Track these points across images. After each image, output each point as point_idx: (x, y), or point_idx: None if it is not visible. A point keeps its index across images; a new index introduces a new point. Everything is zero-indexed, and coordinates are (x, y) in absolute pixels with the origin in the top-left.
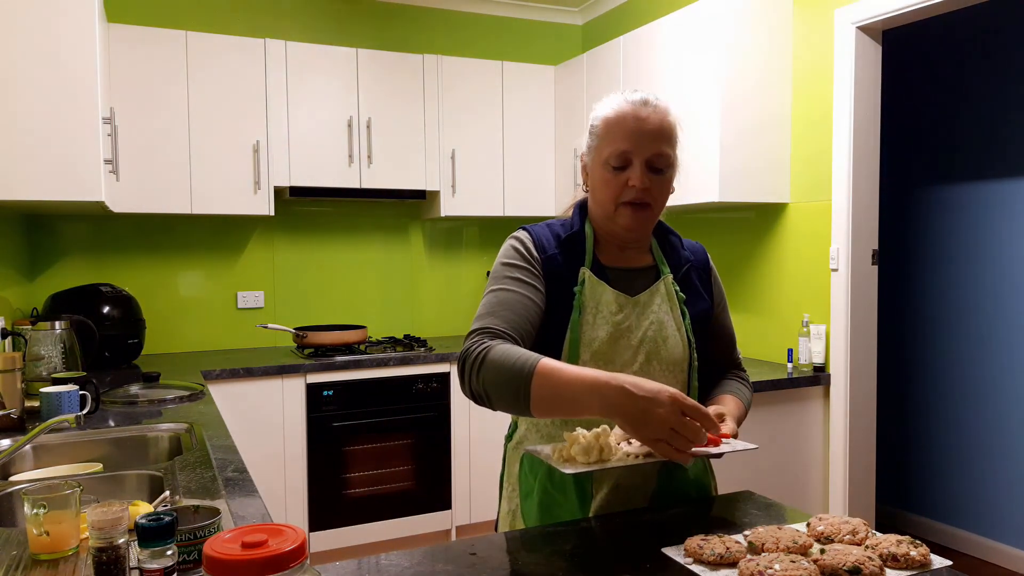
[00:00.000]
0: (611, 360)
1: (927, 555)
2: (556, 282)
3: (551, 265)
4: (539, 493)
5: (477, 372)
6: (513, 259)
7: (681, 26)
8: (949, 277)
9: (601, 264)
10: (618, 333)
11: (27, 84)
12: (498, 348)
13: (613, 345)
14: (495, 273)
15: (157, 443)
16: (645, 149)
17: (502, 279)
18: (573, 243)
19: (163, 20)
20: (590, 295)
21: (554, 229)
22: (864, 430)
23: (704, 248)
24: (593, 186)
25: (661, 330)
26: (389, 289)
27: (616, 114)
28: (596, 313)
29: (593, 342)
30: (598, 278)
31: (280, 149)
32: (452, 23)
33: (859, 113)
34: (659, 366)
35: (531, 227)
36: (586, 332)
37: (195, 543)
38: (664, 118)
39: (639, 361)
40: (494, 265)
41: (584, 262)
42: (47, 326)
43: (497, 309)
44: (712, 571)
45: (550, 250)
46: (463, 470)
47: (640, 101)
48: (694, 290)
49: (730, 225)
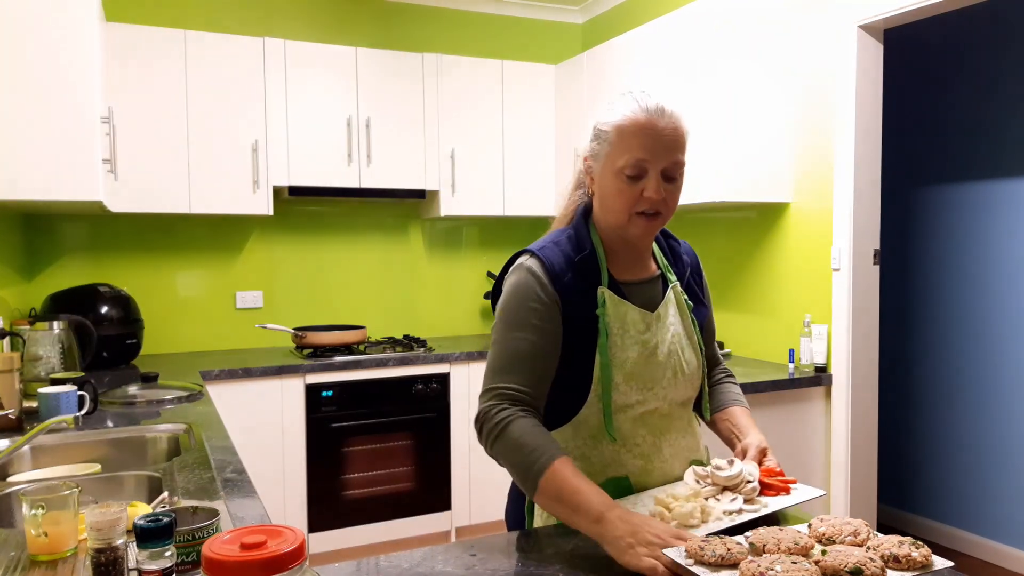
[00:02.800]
0: (645, 380)
1: (929, 556)
2: (574, 307)
3: (567, 293)
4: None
5: (493, 442)
6: (528, 299)
7: (682, 25)
8: (951, 277)
9: (616, 280)
10: (647, 351)
11: (25, 83)
12: (516, 427)
13: (645, 365)
14: (509, 313)
15: (155, 444)
16: (662, 159)
17: (516, 325)
18: (586, 262)
19: (162, 19)
20: (614, 315)
21: (563, 248)
22: (866, 431)
23: (692, 247)
24: (603, 194)
25: (680, 342)
26: (388, 289)
27: (632, 123)
28: (623, 333)
29: (625, 364)
30: (617, 296)
31: (279, 148)
32: (452, 22)
33: (861, 112)
34: (682, 379)
35: (540, 252)
36: (616, 354)
37: (194, 544)
38: (679, 126)
39: (667, 376)
40: (505, 298)
41: (600, 281)
42: (45, 326)
43: (515, 365)
44: (713, 572)
45: (565, 276)
46: (463, 471)
47: (656, 110)
48: (696, 296)
49: (731, 225)
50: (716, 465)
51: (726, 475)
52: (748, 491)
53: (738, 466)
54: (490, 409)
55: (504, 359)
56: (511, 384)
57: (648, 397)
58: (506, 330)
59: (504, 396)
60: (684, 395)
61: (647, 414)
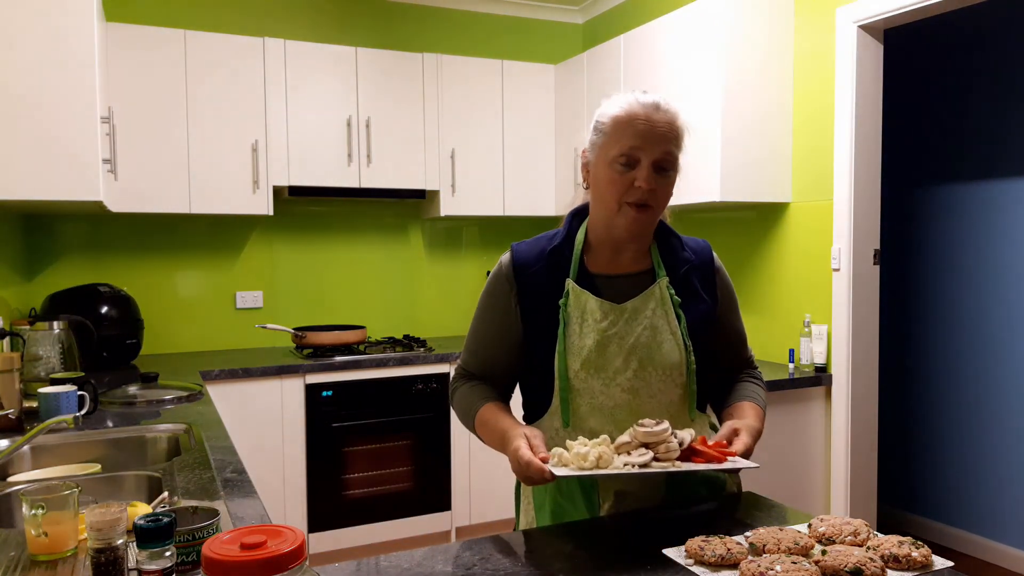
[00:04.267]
0: (602, 368)
1: (929, 556)
2: (540, 296)
3: (533, 281)
4: (550, 504)
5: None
6: (489, 287)
7: (682, 25)
8: (951, 277)
9: (590, 273)
10: (605, 340)
11: (25, 83)
12: (460, 392)
13: (602, 353)
14: (479, 301)
15: (155, 444)
16: (654, 150)
17: (480, 311)
18: (557, 255)
19: (162, 19)
20: (575, 305)
21: (541, 243)
22: (866, 430)
23: (709, 246)
24: (596, 184)
25: (655, 335)
26: (389, 289)
27: (627, 113)
28: (582, 322)
29: (582, 351)
30: (583, 287)
31: (279, 148)
32: (452, 22)
33: (861, 112)
34: (654, 372)
35: (518, 245)
36: (574, 342)
37: (194, 544)
38: (674, 121)
39: (632, 368)
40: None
41: (569, 273)
42: (45, 326)
43: (473, 346)
44: (713, 572)
45: (532, 266)
46: (463, 471)
47: (652, 104)
48: (693, 292)
49: (731, 225)
50: (641, 422)
51: (644, 431)
52: (662, 451)
53: (664, 426)
54: (453, 381)
55: (468, 341)
56: (465, 364)
57: (610, 387)
58: (474, 316)
59: (461, 372)
60: (662, 390)
61: (616, 408)
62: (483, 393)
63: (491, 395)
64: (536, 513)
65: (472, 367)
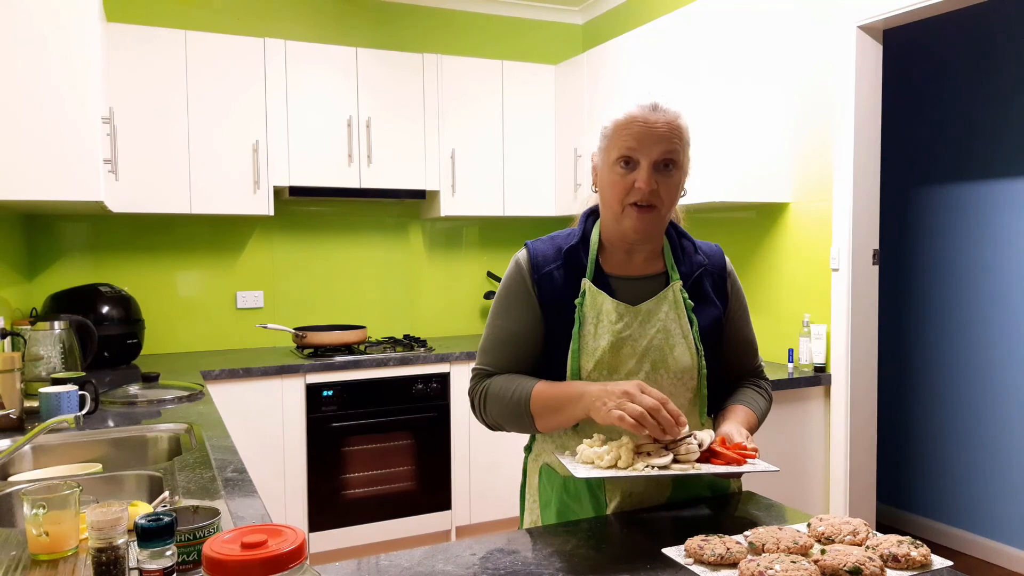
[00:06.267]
0: (615, 369)
1: (928, 555)
2: (556, 297)
3: (549, 282)
4: (556, 503)
5: (485, 409)
6: (507, 286)
7: (682, 25)
8: (950, 277)
9: (605, 273)
10: (620, 342)
11: (26, 83)
12: (494, 383)
13: (616, 354)
14: (495, 301)
15: (156, 443)
16: (652, 151)
17: (498, 312)
18: (574, 255)
19: (162, 19)
20: (590, 306)
21: (557, 242)
22: (865, 430)
23: (722, 251)
24: (601, 187)
25: (668, 339)
26: (389, 289)
27: (625, 116)
28: (597, 323)
29: (596, 351)
30: (599, 288)
31: (279, 148)
32: (452, 22)
33: (860, 113)
34: (666, 375)
35: (533, 243)
36: (588, 342)
37: (194, 543)
38: (673, 120)
39: (644, 370)
40: (499, 287)
41: (586, 273)
42: (46, 326)
43: (494, 348)
44: (712, 572)
45: (548, 266)
46: (463, 470)
47: (650, 105)
48: (705, 296)
49: (731, 225)
50: None
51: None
52: (682, 452)
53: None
54: (474, 386)
55: (486, 342)
56: (489, 365)
57: None
58: (492, 316)
59: (482, 373)
60: (673, 393)
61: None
62: (524, 377)
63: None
64: (541, 511)
65: (495, 367)
